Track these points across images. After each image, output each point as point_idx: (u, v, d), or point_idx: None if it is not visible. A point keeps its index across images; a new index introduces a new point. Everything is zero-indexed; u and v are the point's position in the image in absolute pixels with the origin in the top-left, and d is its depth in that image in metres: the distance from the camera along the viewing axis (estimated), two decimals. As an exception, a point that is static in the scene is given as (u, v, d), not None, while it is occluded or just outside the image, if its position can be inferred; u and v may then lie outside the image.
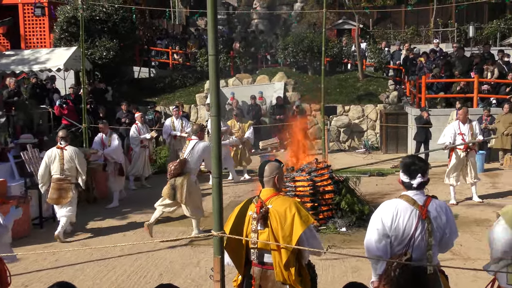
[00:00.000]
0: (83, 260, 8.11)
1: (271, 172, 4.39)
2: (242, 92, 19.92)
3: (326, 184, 9.69)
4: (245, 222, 4.29)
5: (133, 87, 21.52)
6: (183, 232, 9.47)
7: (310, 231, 4.23)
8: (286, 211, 4.17)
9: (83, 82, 13.69)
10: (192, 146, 8.98)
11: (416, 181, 4.16)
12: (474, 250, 8.02)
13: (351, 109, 19.47)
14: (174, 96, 21.00)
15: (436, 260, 4.18)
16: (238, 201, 11.37)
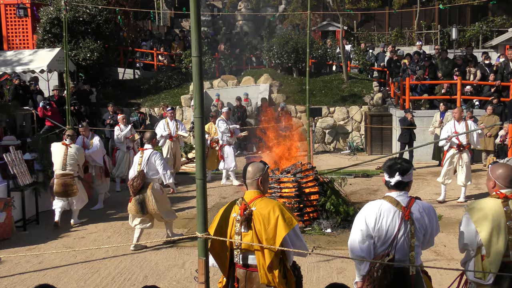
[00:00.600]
0: (67, 263, 8.06)
1: (254, 174, 4.39)
2: (228, 94, 19.92)
3: (311, 185, 9.71)
4: (229, 224, 4.29)
5: (117, 88, 21.43)
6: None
7: (295, 233, 4.23)
8: (270, 214, 4.18)
9: (67, 84, 13.58)
10: (148, 156, 8.74)
11: (394, 180, 4.19)
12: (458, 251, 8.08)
13: (336, 111, 19.54)
14: (159, 97, 20.94)
15: (419, 260, 4.22)
16: (224, 203, 11.38)
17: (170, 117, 13.85)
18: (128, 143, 13.29)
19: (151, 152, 8.81)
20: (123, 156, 13.22)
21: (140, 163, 8.74)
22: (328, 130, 19.45)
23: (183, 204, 11.83)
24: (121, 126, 13.38)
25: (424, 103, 17.67)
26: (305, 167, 10.14)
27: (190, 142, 17.34)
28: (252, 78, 20.88)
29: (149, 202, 8.57)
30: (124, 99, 20.30)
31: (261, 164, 4.48)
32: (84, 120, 15.07)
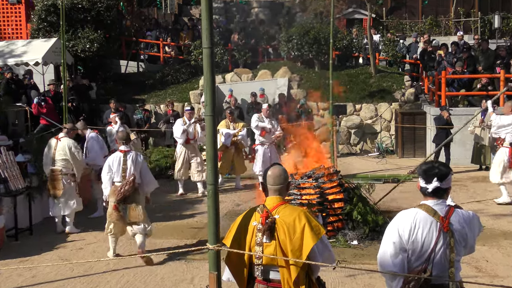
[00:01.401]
0: (63, 277, 8.07)
1: (284, 180, 4.36)
2: (241, 89, 19.91)
3: (335, 191, 9.65)
4: (248, 234, 4.26)
5: (119, 83, 21.52)
6: (176, 245, 9.43)
7: (322, 243, 4.22)
8: (295, 222, 4.14)
9: (63, 78, 13.66)
10: (135, 159, 8.76)
11: (432, 186, 4.12)
12: (502, 267, 7.97)
13: (362, 108, 19.45)
14: (166, 93, 20.99)
15: (458, 277, 4.14)
16: (237, 210, 11.36)
17: (189, 118, 13.49)
18: None
19: (136, 154, 8.87)
20: None
21: (124, 167, 8.71)
22: (354, 130, 19.36)
23: (191, 211, 11.83)
24: (114, 127, 13.41)
25: (462, 99, 17.49)
26: (329, 171, 10.08)
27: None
28: (269, 71, 20.85)
29: (135, 210, 8.60)
30: (127, 95, 20.39)
31: (285, 168, 4.45)
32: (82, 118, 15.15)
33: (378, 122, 19.29)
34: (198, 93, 20.29)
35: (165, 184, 14.23)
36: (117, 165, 8.78)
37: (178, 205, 12.40)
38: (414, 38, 22.62)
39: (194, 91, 20.56)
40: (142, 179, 8.86)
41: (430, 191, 4.14)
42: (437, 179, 4.11)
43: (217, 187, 4.09)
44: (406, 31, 26.36)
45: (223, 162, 13.66)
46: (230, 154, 13.85)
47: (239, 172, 14.07)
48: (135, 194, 8.69)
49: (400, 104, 19.25)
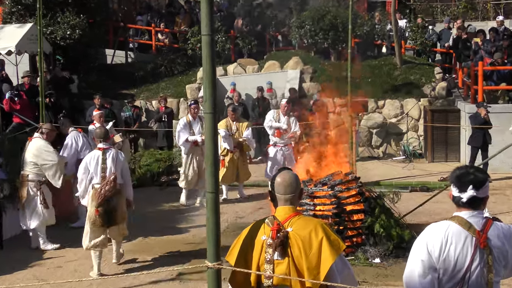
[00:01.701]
0: (39, 299, 8.08)
1: (296, 187, 4.33)
2: (246, 83, 19.92)
3: (354, 201, 9.64)
4: (255, 250, 4.24)
5: (105, 75, 21.57)
6: (170, 262, 9.44)
7: (341, 260, 4.21)
8: (311, 236, 4.12)
9: (40, 69, 13.69)
10: (115, 157, 9.04)
11: (467, 195, 4.10)
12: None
13: (386, 105, 19.43)
14: (158, 87, 21.04)
15: (498, 301, 4.14)
16: (240, 223, 11.37)
17: (193, 114, 13.34)
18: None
19: (117, 152, 9.12)
20: None
21: (104, 166, 8.94)
22: (376, 130, 19.33)
23: (187, 223, 11.85)
24: (96, 125, 13.40)
25: (502, 94, 17.45)
26: (347, 177, 10.07)
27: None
28: (278, 62, 20.86)
29: (118, 210, 8.89)
30: (113, 89, 20.43)
31: (296, 174, 4.42)
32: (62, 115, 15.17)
33: (404, 121, 19.25)
34: (195, 87, 20.32)
35: (157, 193, 14.28)
36: (95, 165, 9.00)
37: (172, 216, 12.41)
38: (446, 23, 22.61)
39: (191, 85, 20.59)
40: (124, 180, 9.11)
41: (465, 201, 4.12)
42: (472, 187, 4.10)
43: (218, 196, 4.09)
44: (436, 16, 26.37)
45: (228, 170, 13.49)
46: (235, 160, 13.66)
47: (242, 179, 13.99)
48: (118, 196, 8.90)
49: (430, 100, 19.21)
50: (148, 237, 10.76)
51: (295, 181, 4.34)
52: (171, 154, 16.36)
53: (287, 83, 19.87)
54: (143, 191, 14.05)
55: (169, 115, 18.54)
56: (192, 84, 20.64)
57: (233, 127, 13.63)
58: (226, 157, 13.44)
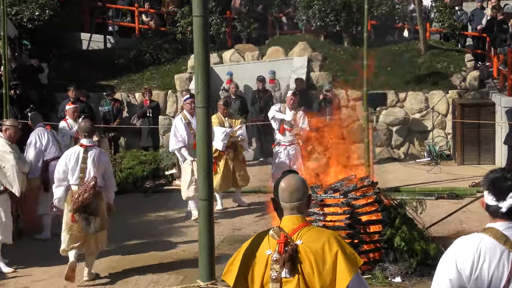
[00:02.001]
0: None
1: (305, 192, 4.31)
2: (245, 72, 19.91)
3: (371, 210, 9.63)
4: (259, 267, 4.22)
5: (80, 63, 21.56)
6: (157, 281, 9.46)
7: (358, 278, 4.20)
8: (325, 249, 4.10)
9: (4, 56, 13.67)
10: (97, 157, 9.23)
11: (507, 204, 4.09)
12: None
13: (408, 98, 19.41)
14: (142, 77, 21.03)
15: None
16: (238, 236, 11.37)
17: (190, 110, 13.11)
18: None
19: (100, 152, 9.32)
20: None
21: (84, 166, 9.08)
22: (397, 127, 19.32)
23: (176, 237, 11.83)
24: (69, 122, 13.38)
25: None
26: (362, 183, 10.06)
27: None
28: (282, 48, 20.85)
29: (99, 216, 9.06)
30: (90, 80, 20.43)
31: (302, 178, 4.40)
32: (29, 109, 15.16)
33: (429, 117, 19.25)
34: (186, 77, 20.31)
35: (141, 201, 14.27)
36: (73, 163, 9.11)
37: (158, 228, 12.41)
38: (479, 2, 22.56)
39: (181, 74, 20.58)
40: (105, 182, 9.33)
41: (505, 211, 4.09)
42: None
43: (212, 204, 4.09)
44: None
45: (222, 175, 13.40)
46: (229, 163, 13.60)
47: (240, 185, 13.93)
48: (98, 201, 9.06)
49: (460, 92, 19.21)
50: (130, 253, 10.74)
51: (302, 186, 4.31)
52: (157, 156, 16.35)
53: (292, 72, 19.87)
54: (125, 198, 14.01)
55: (155, 110, 18.54)
56: (181, 73, 20.63)
57: (226, 124, 13.54)
58: (218, 160, 13.35)
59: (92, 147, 9.30)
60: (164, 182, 15.00)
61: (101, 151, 9.50)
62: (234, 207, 13.82)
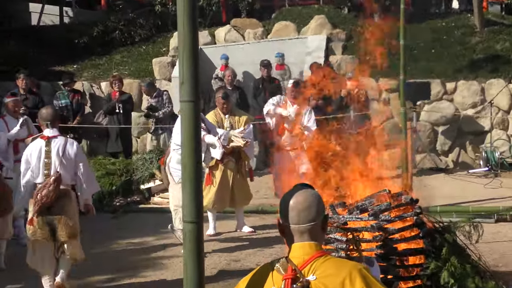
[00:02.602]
0: None
1: (320, 211, 4.31)
2: (245, 55, 19.98)
3: (409, 236, 9.64)
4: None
5: (29, 43, 21.61)
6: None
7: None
8: (345, 287, 4.13)
9: None
10: (62, 148, 9.61)
11: None
12: None
13: (459, 89, 19.44)
14: (110, 61, 21.11)
15: None
16: (237, 269, 11.38)
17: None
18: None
19: (66, 141, 9.62)
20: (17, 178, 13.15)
21: (48, 161, 9.45)
22: (444, 127, 19.35)
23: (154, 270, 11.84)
24: (7, 120, 13.36)
25: None
26: (397, 200, 10.06)
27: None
28: (293, 24, 20.91)
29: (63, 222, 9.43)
30: (41, 65, 20.48)
31: (317, 193, 4.39)
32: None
33: (486, 114, 19.28)
34: (167, 61, 20.39)
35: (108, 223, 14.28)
36: (36, 159, 9.51)
37: (131, 258, 12.42)
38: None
39: (161, 58, 20.66)
40: (80, 178, 9.70)
41: None
42: None
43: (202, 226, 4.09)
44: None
45: (219, 189, 13.41)
46: (228, 175, 13.57)
47: (240, 203, 13.94)
48: (65, 201, 9.41)
49: (526, 81, 19.27)
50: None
51: (316, 203, 4.30)
52: (130, 164, 16.36)
53: (307, 55, 19.91)
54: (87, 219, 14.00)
55: (126, 105, 18.50)
56: (161, 57, 20.72)
57: (225, 123, 13.52)
58: (215, 169, 13.36)
59: (56, 137, 9.59)
60: (138, 199, 15.05)
61: (67, 140, 9.74)
62: (230, 232, 13.82)
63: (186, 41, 3.93)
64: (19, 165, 12.92)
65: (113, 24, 21.80)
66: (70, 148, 9.60)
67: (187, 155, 4.11)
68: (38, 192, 9.30)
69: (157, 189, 15.85)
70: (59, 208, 9.39)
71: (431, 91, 19.12)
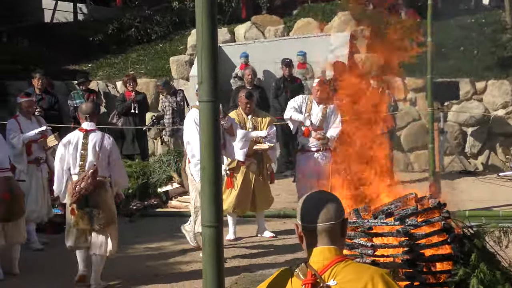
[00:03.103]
0: None
1: (338, 213, 4.28)
2: (265, 53, 19.97)
3: (437, 242, 9.63)
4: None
5: (42, 41, 21.65)
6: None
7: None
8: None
9: None
10: (99, 142, 10.69)
11: None
12: None
13: (489, 89, 19.38)
14: (126, 60, 21.12)
15: None
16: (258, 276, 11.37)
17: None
18: (37, 154, 13.26)
19: (103, 136, 10.86)
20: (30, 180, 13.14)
21: (84, 153, 10.38)
22: (473, 129, 19.29)
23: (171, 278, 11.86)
24: (20, 120, 13.34)
25: None
26: (424, 204, 10.06)
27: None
28: (315, 21, 20.88)
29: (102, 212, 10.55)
30: (56, 64, 20.51)
31: (335, 196, 4.39)
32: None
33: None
34: (185, 60, 20.40)
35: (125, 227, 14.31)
36: (73, 150, 10.40)
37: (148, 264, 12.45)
38: None
39: (179, 56, 20.68)
40: (113, 169, 10.93)
41: None
42: None
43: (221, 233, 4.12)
44: None
45: (240, 192, 13.40)
46: (250, 178, 13.58)
47: (261, 207, 14.00)
48: (101, 191, 10.58)
49: (561, 81, 19.21)
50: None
51: (333, 204, 4.29)
52: (146, 167, 16.39)
53: (330, 53, 19.90)
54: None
55: (142, 105, 18.51)
56: (179, 55, 20.73)
57: (248, 124, 13.47)
58: (236, 172, 13.45)
59: (93, 131, 10.71)
60: (156, 202, 15.08)
61: (104, 135, 10.88)
62: (251, 237, 13.88)
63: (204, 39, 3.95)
64: (32, 167, 13.13)
65: (128, 21, 21.83)
66: (106, 142, 10.71)
67: (206, 157, 4.13)
68: (76, 184, 10.28)
69: (175, 192, 15.89)
70: (96, 198, 10.44)
71: (459, 90, 19.07)
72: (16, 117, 13.33)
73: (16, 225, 11.73)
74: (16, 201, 11.66)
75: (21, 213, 11.77)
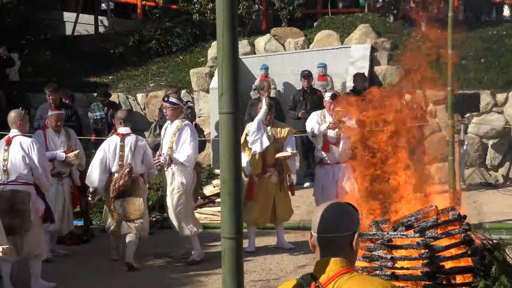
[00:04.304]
0: None
1: (346, 223, 4.22)
2: (285, 65, 19.97)
3: (457, 254, 9.60)
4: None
5: (63, 54, 21.71)
6: None
7: None
8: (373, 307, 4.11)
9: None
10: (134, 144, 12.67)
11: None
12: None
13: (510, 101, 19.31)
14: (146, 72, 21.17)
15: None
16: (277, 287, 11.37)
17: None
18: (60, 168, 13.28)
19: (137, 139, 12.87)
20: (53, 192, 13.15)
21: (122, 153, 12.25)
22: (494, 141, 19.23)
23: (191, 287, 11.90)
24: (48, 133, 13.34)
25: None
26: (445, 216, 10.03)
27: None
28: (336, 33, 20.88)
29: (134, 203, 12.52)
30: (77, 76, 20.57)
31: (352, 208, 4.41)
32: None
33: (539, 127, 19.18)
34: (205, 72, 20.42)
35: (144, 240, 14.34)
36: (112, 152, 12.59)
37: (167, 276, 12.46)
38: None
39: (199, 69, 20.70)
40: (146, 166, 12.95)
41: None
42: None
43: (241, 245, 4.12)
44: None
45: (261, 204, 13.44)
46: (271, 189, 13.64)
47: (281, 219, 13.97)
48: (135, 186, 12.55)
49: None
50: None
51: (344, 215, 4.25)
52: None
53: (350, 65, 19.88)
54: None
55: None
56: (199, 67, 20.76)
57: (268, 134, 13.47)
58: (259, 183, 13.46)
59: (129, 135, 12.72)
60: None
61: (137, 137, 12.90)
62: (270, 246, 13.87)
63: (225, 51, 3.97)
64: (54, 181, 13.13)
65: (149, 33, 21.87)
66: (140, 144, 12.78)
67: (226, 169, 4.13)
68: (116, 182, 12.29)
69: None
70: (131, 192, 12.42)
71: (480, 102, 19.02)
72: (45, 129, 13.38)
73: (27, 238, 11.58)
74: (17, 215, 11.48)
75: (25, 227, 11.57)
